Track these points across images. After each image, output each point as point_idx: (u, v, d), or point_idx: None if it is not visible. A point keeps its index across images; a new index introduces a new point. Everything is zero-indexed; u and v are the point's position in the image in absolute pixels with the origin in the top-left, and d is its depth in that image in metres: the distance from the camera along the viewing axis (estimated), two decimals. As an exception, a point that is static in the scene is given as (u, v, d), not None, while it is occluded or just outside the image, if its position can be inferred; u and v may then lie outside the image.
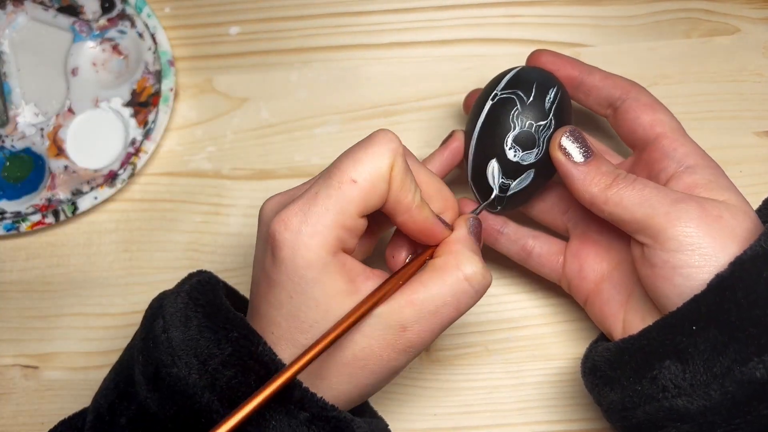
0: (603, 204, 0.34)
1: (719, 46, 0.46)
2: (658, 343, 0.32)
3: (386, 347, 0.31)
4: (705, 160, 0.36)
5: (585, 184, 0.34)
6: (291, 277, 0.30)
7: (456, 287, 0.32)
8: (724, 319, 0.30)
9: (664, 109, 0.38)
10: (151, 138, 0.45)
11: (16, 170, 0.46)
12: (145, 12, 0.47)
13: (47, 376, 0.44)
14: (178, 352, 0.31)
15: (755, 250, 0.31)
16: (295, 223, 0.30)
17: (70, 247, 0.46)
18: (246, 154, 0.46)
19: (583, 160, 0.35)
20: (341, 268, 0.31)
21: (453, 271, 0.32)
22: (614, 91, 0.38)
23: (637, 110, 0.37)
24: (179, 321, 0.32)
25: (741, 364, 0.30)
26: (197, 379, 0.30)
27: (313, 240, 0.30)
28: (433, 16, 0.48)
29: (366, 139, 0.32)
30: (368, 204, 0.31)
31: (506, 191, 0.37)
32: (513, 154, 0.36)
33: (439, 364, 0.43)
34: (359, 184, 0.30)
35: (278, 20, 0.48)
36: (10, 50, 0.48)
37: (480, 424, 0.42)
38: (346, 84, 0.47)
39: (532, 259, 0.40)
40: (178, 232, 0.46)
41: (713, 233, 0.32)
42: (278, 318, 0.31)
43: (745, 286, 0.30)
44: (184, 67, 0.48)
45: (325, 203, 0.30)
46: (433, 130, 0.46)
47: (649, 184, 0.34)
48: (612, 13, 0.47)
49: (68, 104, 0.47)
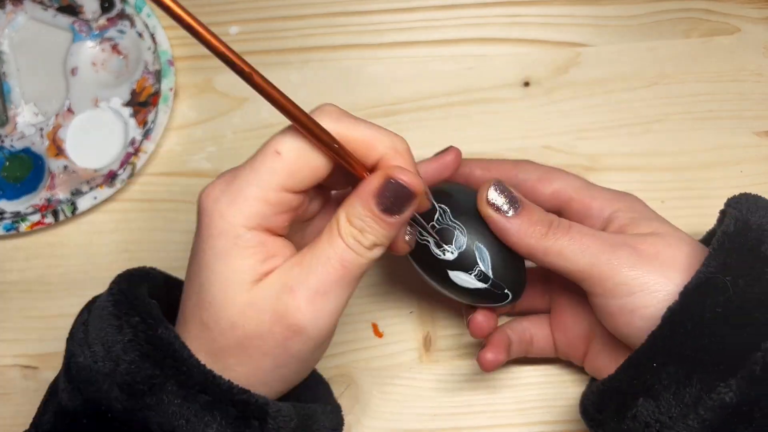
0: (543, 255, 0.34)
1: (719, 46, 0.46)
2: (627, 383, 0.32)
3: (277, 321, 0.29)
4: (620, 202, 0.36)
5: (520, 236, 0.34)
6: (203, 248, 0.30)
7: (339, 246, 0.30)
8: (679, 352, 0.31)
9: (557, 172, 0.37)
10: (150, 138, 0.45)
11: (15, 170, 0.46)
12: (145, 11, 0.47)
13: (47, 376, 0.44)
14: (90, 341, 0.31)
15: (699, 278, 0.31)
16: (216, 192, 0.29)
17: (69, 247, 0.46)
18: (246, 154, 0.45)
19: (513, 212, 0.34)
20: (255, 244, 0.29)
21: (332, 228, 0.30)
22: (502, 179, 0.37)
23: (533, 190, 0.37)
24: (97, 313, 0.32)
25: (708, 392, 0.30)
26: (101, 366, 0.30)
27: (229, 209, 0.29)
28: (433, 15, 0.48)
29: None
30: (296, 177, 0.29)
31: (487, 277, 0.35)
32: (443, 252, 0.35)
33: (439, 364, 0.43)
34: (283, 156, 0.29)
35: (278, 20, 0.48)
36: (9, 50, 0.48)
37: (480, 424, 0.42)
38: (346, 84, 0.47)
39: (533, 348, 0.40)
40: (178, 232, 0.46)
41: (656, 269, 0.32)
42: (190, 291, 0.31)
43: (692, 316, 0.30)
44: (184, 66, 0.47)
45: (247, 176, 0.29)
46: (433, 130, 0.46)
47: (585, 231, 0.34)
48: (612, 13, 0.47)
49: (68, 104, 0.47)
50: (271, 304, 0.29)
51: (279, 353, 0.30)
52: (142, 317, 0.31)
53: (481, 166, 0.38)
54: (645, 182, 0.45)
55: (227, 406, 0.30)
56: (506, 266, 0.35)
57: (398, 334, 0.44)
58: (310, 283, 0.29)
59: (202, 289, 0.30)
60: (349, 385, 0.43)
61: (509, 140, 0.46)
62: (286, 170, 0.29)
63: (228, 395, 0.30)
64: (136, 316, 0.31)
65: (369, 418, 0.42)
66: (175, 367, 0.30)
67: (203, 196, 0.30)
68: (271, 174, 0.29)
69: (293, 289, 0.29)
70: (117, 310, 0.31)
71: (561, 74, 0.46)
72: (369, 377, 0.43)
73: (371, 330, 0.44)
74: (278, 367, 0.31)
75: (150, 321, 0.30)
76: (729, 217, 0.33)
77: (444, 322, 0.44)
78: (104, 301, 0.32)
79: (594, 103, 0.46)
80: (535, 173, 0.37)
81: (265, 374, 0.31)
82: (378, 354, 0.44)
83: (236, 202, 0.29)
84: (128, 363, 0.30)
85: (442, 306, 0.44)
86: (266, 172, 0.29)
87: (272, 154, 0.29)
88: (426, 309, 0.44)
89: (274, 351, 0.30)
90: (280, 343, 0.30)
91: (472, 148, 0.46)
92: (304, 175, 0.29)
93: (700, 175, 0.45)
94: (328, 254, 0.29)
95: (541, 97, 0.46)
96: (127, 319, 0.30)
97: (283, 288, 0.29)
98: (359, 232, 0.29)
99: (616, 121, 0.46)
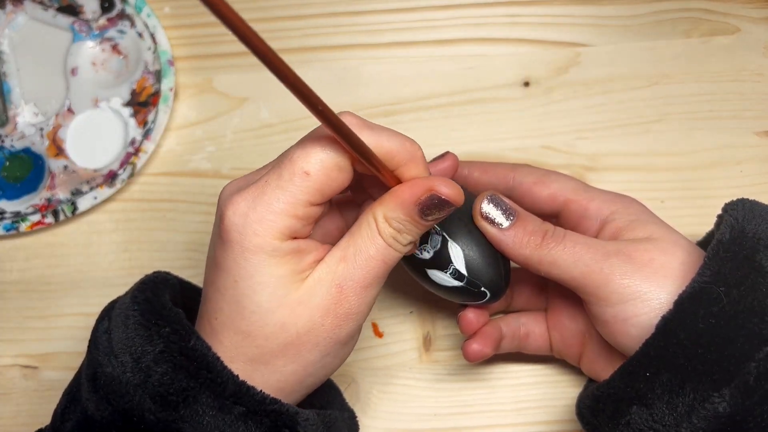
0: (538, 264, 0.34)
1: (719, 46, 0.46)
2: (621, 390, 0.32)
3: (327, 314, 0.31)
4: (617, 204, 0.36)
5: (515, 247, 0.34)
6: (237, 261, 0.30)
7: (380, 245, 0.31)
8: (673, 362, 0.31)
9: (554, 174, 0.38)
10: (150, 138, 0.45)
11: (15, 170, 0.46)
12: (145, 12, 0.47)
13: (47, 376, 0.44)
14: (116, 351, 0.31)
15: (693, 287, 0.31)
16: (244, 208, 0.30)
17: (69, 247, 0.46)
18: (246, 154, 0.46)
19: (508, 223, 0.35)
20: (290, 251, 0.30)
21: (371, 222, 0.31)
22: (497, 183, 0.38)
23: (531, 193, 0.37)
24: (120, 320, 0.32)
25: (702, 402, 0.30)
26: (130, 377, 0.30)
27: (261, 226, 0.29)
28: (433, 15, 0.48)
29: (319, 127, 0.31)
30: (324, 193, 0.30)
31: (462, 276, 0.35)
32: (425, 253, 0.35)
33: (439, 364, 0.43)
34: (312, 176, 0.30)
35: (278, 20, 0.48)
36: (9, 50, 0.48)
37: (480, 424, 0.42)
38: (346, 84, 0.47)
39: (528, 345, 0.40)
40: (178, 232, 0.46)
41: (649, 277, 0.32)
42: (222, 303, 0.31)
43: (686, 326, 0.30)
44: (184, 66, 0.48)
45: (275, 193, 0.30)
46: (433, 130, 0.46)
47: (579, 240, 0.34)
48: (612, 13, 0.47)
49: (68, 104, 0.47)
50: (321, 300, 0.31)
51: (328, 342, 0.31)
52: (172, 328, 0.31)
53: (479, 168, 0.39)
54: (645, 182, 0.45)
55: (261, 417, 0.30)
56: (483, 265, 0.35)
57: (398, 334, 0.44)
58: (356, 279, 0.31)
59: (241, 299, 0.30)
60: (349, 384, 0.43)
61: (509, 140, 0.46)
62: (314, 188, 0.30)
63: (261, 405, 0.30)
64: (166, 326, 0.31)
65: (369, 417, 0.43)
66: (210, 379, 0.30)
67: (230, 213, 0.30)
68: (299, 192, 0.30)
69: (341, 285, 0.31)
70: (145, 319, 0.31)
71: (561, 74, 0.46)
72: (369, 377, 0.43)
73: (371, 330, 0.44)
74: (325, 356, 0.32)
75: (181, 331, 0.31)
76: (725, 225, 0.33)
77: (444, 322, 0.44)
78: (129, 309, 0.32)
79: (594, 103, 0.46)
80: (533, 176, 0.38)
81: (314, 367, 0.32)
82: (378, 354, 0.44)
83: (267, 219, 0.30)
84: (161, 374, 0.30)
85: (442, 306, 0.44)
86: (295, 191, 0.30)
87: (301, 174, 0.30)
88: (426, 309, 0.44)
89: (324, 341, 0.31)
90: (330, 332, 0.31)
91: (472, 148, 0.46)
92: (330, 189, 0.30)
93: (700, 175, 0.45)
94: (370, 252, 0.31)
95: (541, 97, 0.46)
96: (157, 330, 0.31)
97: (331, 284, 0.31)
98: (398, 232, 0.31)
99: (616, 121, 0.46)
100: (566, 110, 0.46)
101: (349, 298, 0.31)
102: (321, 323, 0.31)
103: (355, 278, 0.31)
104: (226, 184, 0.33)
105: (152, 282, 0.34)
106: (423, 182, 0.31)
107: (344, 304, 0.31)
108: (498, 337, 0.38)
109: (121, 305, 0.33)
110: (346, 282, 0.31)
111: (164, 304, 0.32)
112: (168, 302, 0.33)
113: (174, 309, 0.32)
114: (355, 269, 0.31)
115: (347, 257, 0.31)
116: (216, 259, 0.31)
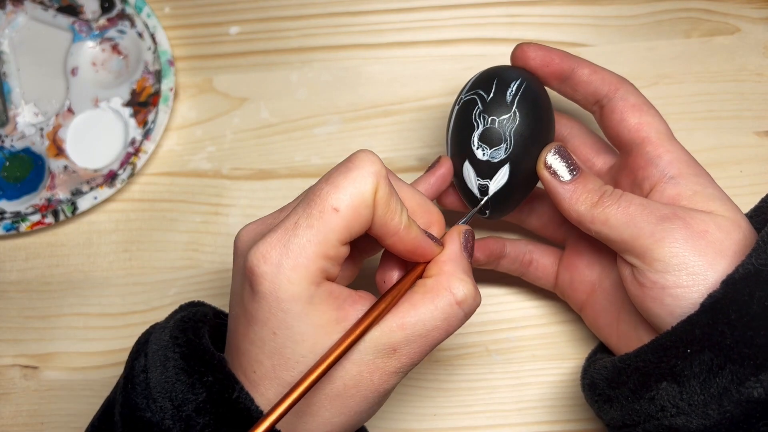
0: (590, 223, 0.34)
1: (719, 46, 0.46)
2: (653, 365, 0.32)
3: (376, 371, 0.30)
4: (690, 168, 0.35)
5: (571, 202, 0.34)
6: (274, 313, 0.29)
7: (447, 311, 0.31)
8: (719, 341, 0.30)
9: (652, 110, 0.36)
10: (150, 138, 0.45)
11: (15, 170, 0.46)
12: (145, 12, 0.47)
13: (47, 376, 0.44)
14: (154, 394, 0.30)
15: (747, 269, 0.30)
16: (275, 256, 0.28)
17: (69, 247, 0.46)
18: (246, 154, 0.46)
19: (569, 177, 0.34)
20: (327, 297, 0.30)
21: (444, 294, 0.31)
22: (602, 87, 0.36)
23: (624, 111, 0.36)
24: (159, 361, 0.31)
25: (738, 385, 0.29)
26: (170, 425, 0.29)
27: (296, 273, 0.28)
28: (433, 16, 0.48)
29: (346, 161, 0.30)
30: (352, 231, 0.29)
31: (486, 192, 0.36)
32: (482, 154, 0.36)
33: (439, 364, 0.43)
34: (342, 213, 0.29)
35: (278, 20, 0.48)
36: (9, 50, 0.48)
37: (480, 424, 0.42)
38: (346, 84, 0.47)
39: (529, 272, 0.40)
40: (178, 232, 0.46)
41: (700, 250, 0.31)
42: (260, 356, 0.30)
43: (738, 307, 0.30)
44: (184, 67, 0.48)
45: (306, 234, 0.29)
46: (433, 130, 0.46)
47: (635, 201, 0.33)
48: (612, 13, 0.47)
49: (68, 104, 0.47)
50: (373, 358, 0.30)
51: (376, 395, 0.31)
52: (216, 377, 0.30)
53: (590, 68, 0.37)
54: (645, 182, 0.45)
55: None
56: (509, 200, 0.37)
57: (398, 334, 0.44)
58: (415, 346, 0.31)
59: (283, 351, 0.29)
60: (349, 385, 0.43)
61: (509, 140, 0.46)
62: (343, 226, 0.29)
63: None
64: (209, 375, 0.30)
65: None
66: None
67: (260, 262, 0.29)
68: (330, 232, 0.29)
69: (397, 349, 0.31)
70: (187, 364, 0.30)
71: (561, 74, 0.46)
72: (369, 377, 0.43)
73: (371, 330, 0.44)
74: (372, 406, 0.32)
75: (225, 381, 0.30)
76: None
77: (444, 322, 0.44)
78: (168, 350, 0.31)
79: (594, 103, 0.46)
80: (633, 99, 0.36)
81: (360, 416, 0.31)
82: (378, 354, 0.44)
83: (301, 265, 0.29)
84: (203, 426, 0.29)
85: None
86: (325, 230, 0.29)
87: (330, 211, 0.29)
88: (426, 309, 0.44)
89: (372, 394, 0.31)
90: (378, 387, 0.31)
91: (472, 148, 0.46)
92: (358, 228, 0.30)
93: (700, 175, 0.45)
94: (435, 324, 0.31)
95: (541, 97, 0.46)
96: (199, 378, 0.30)
97: (386, 346, 0.30)
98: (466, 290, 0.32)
99: (616, 121, 0.46)
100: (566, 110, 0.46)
101: (402, 359, 0.31)
102: (370, 378, 0.30)
103: (411, 345, 0.31)
104: (241, 230, 0.32)
105: (192, 321, 0.33)
106: (454, 237, 0.33)
107: (395, 363, 0.31)
108: (497, 252, 0.39)
109: (159, 341, 0.32)
110: (403, 348, 0.30)
111: (206, 348, 0.31)
112: (209, 346, 0.31)
113: (216, 355, 0.31)
114: (415, 338, 0.31)
115: (405, 325, 0.30)
116: (248, 310, 0.30)
